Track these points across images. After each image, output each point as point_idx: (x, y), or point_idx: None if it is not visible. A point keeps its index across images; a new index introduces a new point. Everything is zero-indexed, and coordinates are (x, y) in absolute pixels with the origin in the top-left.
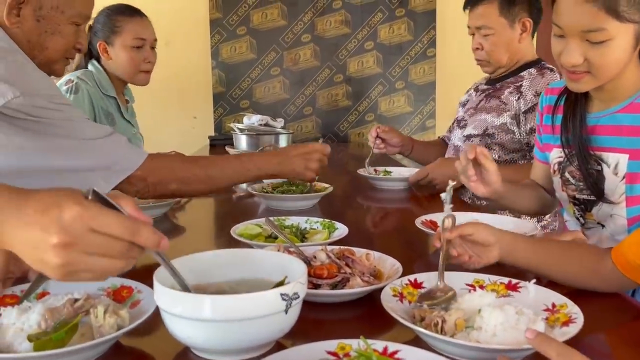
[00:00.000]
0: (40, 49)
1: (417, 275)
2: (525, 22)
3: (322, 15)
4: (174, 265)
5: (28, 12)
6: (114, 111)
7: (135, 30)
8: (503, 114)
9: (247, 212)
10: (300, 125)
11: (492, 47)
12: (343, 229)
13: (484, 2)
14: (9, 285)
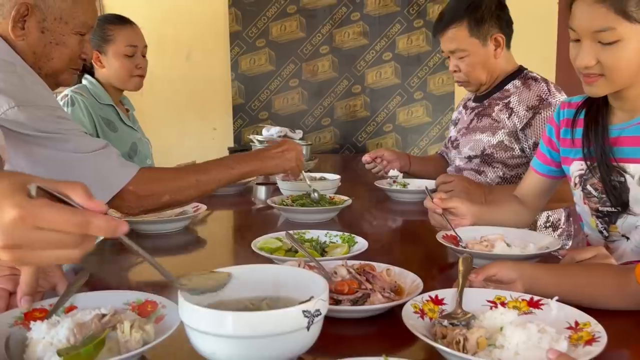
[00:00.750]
0: (46, 60)
1: (438, 292)
2: (497, 38)
3: (341, 26)
4: (195, 277)
5: (32, 24)
6: (114, 118)
7: (127, 38)
8: (498, 132)
9: (266, 225)
10: (318, 136)
11: (469, 68)
12: (363, 243)
13: (452, 26)
14: (38, 299)
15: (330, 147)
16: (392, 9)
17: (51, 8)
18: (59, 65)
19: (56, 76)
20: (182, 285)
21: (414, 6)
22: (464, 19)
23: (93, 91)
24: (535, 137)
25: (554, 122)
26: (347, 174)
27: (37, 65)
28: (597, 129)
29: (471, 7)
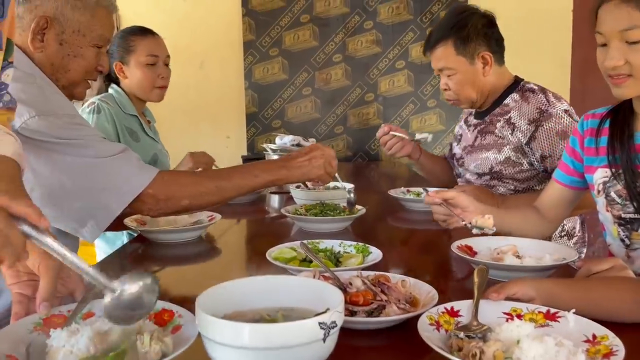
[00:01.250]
0: (63, 71)
1: (453, 304)
2: (485, 56)
3: (353, 35)
4: (215, 290)
5: (51, 37)
6: (137, 129)
7: (148, 47)
8: (503, 149)
9: (280, 234)
10: (331, 144)
11: (458, 86)
12: (377, 253)
13: (439, 44)
14: (57, 304)
15: (343, 155)
16: (405, 17)
17: (70, 21)
18: (76, 76)
19: (73, 87)
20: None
21: (427, 14)
22: (450, 38)
23: (119, 100)
24: (541, 149)
25: (578, 132)
26: (360, 182)
27: (55, 76)
28: (622, 136)
29: (457, 26)
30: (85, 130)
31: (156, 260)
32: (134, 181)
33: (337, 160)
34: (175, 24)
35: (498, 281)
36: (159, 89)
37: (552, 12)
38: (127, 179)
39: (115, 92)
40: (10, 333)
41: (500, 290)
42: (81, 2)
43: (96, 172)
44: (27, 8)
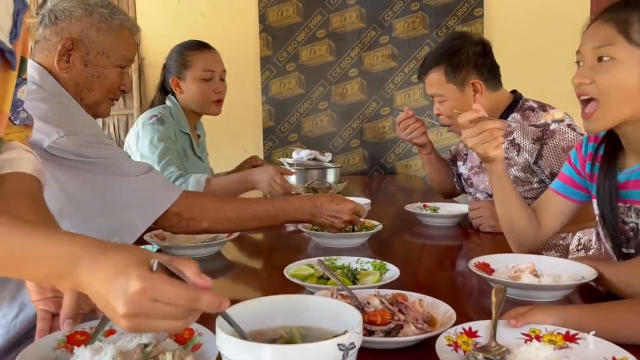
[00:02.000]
0: (87, 91)
1: (471, 324)
2: (475, 84)
3: (369, 50)
4: (234, 309)
5: (76, 58)
6: (187, 148)
7: (204, 62)
8: (510, 170)
9: (297, 249)
10: (347, 158)
11: (448, 112)
12: (394, 271)
13: (431, 71)
14: (79, 321)
15: (359, 168)
16: (420, 32)
17: (94, 43)
18: (100, 96)
19: (96, 106)
20: None
21: (442, 29)
22: (442, 64)
23: (175, 115)
24: (550, 167)
25: (581, 153)
26: (377, 196)
27: (80, 95)
28: (609, 170)
29: (449, 53)
30: (111, 150)
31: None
32: (159, 200)
33: (353, 175)
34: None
35: (516, 300)
36: (215, 102)
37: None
38: (153, 198)
39: (173, 105)
40: (35, 350)
41: (520, 318)
42: (106, 25)
43: (123, 190)
44: (53, 30)
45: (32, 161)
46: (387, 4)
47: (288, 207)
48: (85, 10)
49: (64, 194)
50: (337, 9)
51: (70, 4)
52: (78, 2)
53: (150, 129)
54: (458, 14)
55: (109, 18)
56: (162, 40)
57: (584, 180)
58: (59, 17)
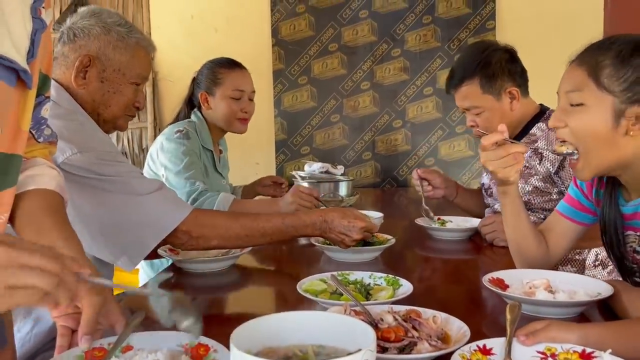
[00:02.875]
0: (104, 107)
1: (486, 341)
2: (512, 91)
3: (381, 63)
4: (248, 326)
5: (93, 75)
6: (209, 164)
7: (235, 82)
8: (530, 179)
9: (309, 263)
10: (359, 170)
11: (486, 123)
12: (407, 287)
13: (464, 84)
14: (98, 337)
15: (371, 181)
16: (432, 44)
17: (111, 60)
18: (116, 112)
19: (113, 122)
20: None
21: (454, 41)
22: (475, 76)
23: (199, 130)
24: (570, 179)
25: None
26: (389, 209)
27: (96, 111)
28: (610, 202)
29: (482, 64)
30: (124, 167)
31: (188, 289)
32: (169, 218)
33: (365, 188)
34: (208, 54)
35: (530, 316)
36: (241, 120)
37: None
38: (162, 216)
39: (198, 120)
40: None
41: (534, 336)
42: (122, 43)
43: (133, 208)
44: (71, 47)
45: (55, 177)
46: (399, 17)
47: (298, 223)
48: (103, 29)
49: (74, 209)
50: (349, 22)
51: (88, 22)
52: (96, 20)
53: (175, 142)
54: (470, 27)
55: (126, 37)
56: (176, 54)
57: (592, 204)
58: (78, 34)
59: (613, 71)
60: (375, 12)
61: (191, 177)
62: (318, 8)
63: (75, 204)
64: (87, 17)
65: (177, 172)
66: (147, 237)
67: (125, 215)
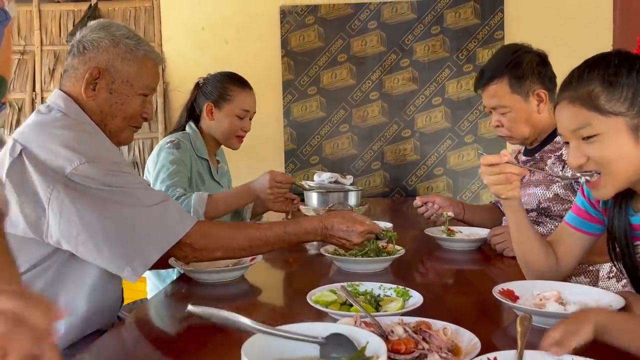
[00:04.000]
0: (111, 118)
1: (497, 354)
2: (540, 94)
3: (390, 73)
4: (260, 338)
5: (102, 86)
6: (205, 172)
7: (244, 102)
8: (552, 186)
9: (319, 273)
10: (368, 180)
11: (512, 123)
12: (417, 298)
13: (493, 82)
14: None
15: (380, 190)
16: (441, 54)
17: (119, 72)
18: (121, 123)
19: (119, 133)
20: None
21: (463, 51)
22: (505, 76)
23: (194, 141)
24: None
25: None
26: (398, 219)
27: (104, 122)
28: (621, 208)
29: (512, 64)
30: (129, 178)
31: (199, 299)
32: (172, 230)
33: (374, 197)
34: (218, 65)
35: (541, 328)
36: (239, 138)
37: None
38: (166, 228)
39: (192, 132)
40: None
41: (565, 342)
42: (131, 55)
43: (137, 220)
44: (81, 60)
45: None
46: (407, 28)
47: (299, 230)
48: (111, 41)
49: (80, 220)
50: (358, 33)
51: (98, 35)
52: (105, 33)
53: (165, 152)
54: (479, 37)
55: (134, 49)
56: (187, 65)
57: (600, 214)
58: (87, 47)
59: (608, 95)
60: (383, 23)
61: (172, 185)
62: (327, 19)
63: (81, 214)
64: (96, 30)
65: (162, 179)
66: (150, 249)
67: (130, 228)
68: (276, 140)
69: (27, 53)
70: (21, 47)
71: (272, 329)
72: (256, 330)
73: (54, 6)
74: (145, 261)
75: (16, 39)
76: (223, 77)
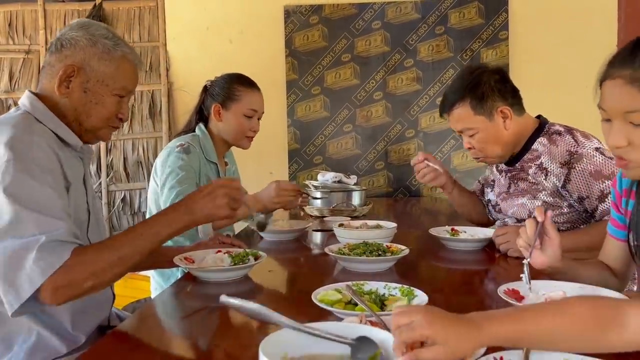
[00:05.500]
0: (85, 117)
1: (503, 353)
2: (504, 110)
3: (394, 73)
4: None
5: (76, 84)
6: (213, 176)
7: (252, 101)
8: (538, 195)
9: (323, 272)
10: (372, 180)
11: (481, 144)
12: (422, 297)
13: (455, 107)
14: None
15: (384, 190)
16: (445, 55)
17: (95, 71)
18: (96, 122)
19: (94, 132)
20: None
21: (467, 52)
22: (466, 98)
23: (203, 144)
24: (577, 191)
25: (617, 190)
26: (401, 218)
27: (78, 120)
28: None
29: (471, 85)
30: (33, 192)
31: (203, 298)
32: (25, 285)
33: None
34: (222, 65)
35: None
36: (248, 138)
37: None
38: (23, 275)
39: (202, 134)
40: None
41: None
42: (108, 55)
43: (8, 249)
44: (58, 57)
45: None
46: (411, 28)
47: (163, 219)
48: (89, 40)
49: None
50: (362, 33)
51: (76, 34)
52: (84, 32)
53: (174, 156)
54: (483, 37)
55: (112, 49)
56: (191, 65)
57: (623, 217)
58: (65, 45)
59: None
60: (388, 23)
61: (181, 193)
62: (331, 19)
63: None
64: (75, 29)
65: (171, 186)
66: (11, 298)
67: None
68: (280, 139)
69: (31, 52)
70: (26, 46)
71: (302, 325)
72: (285, 325)
73: (59, 6)
74: (9, 309)
75: (21, 38)
76: (230, 77)
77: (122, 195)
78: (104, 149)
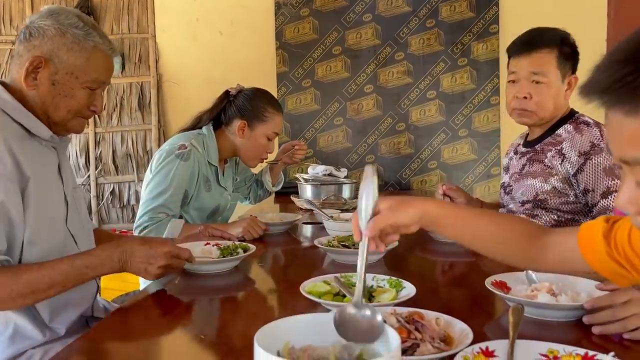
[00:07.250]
0: (53, 109)
1: (488, 343)
2: (572, 80)
3: (385, 66)
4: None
5: (44, 76)
6: (212, 178)
7: (277, 125)
8: (550, 178)
9: (312, 265)
10: (362, 173)
11: (542, 97)
12: (410, 289)
13: (543, 49)
14: None
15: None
16: (436, 48)
17: (64, 63)
18: (66, 115)
19: (63, 124)
20: None
21: (458, 45)
22: (556, 48)
23: (207, 146)
24: (585, 183)
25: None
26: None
27: (46, 113)
28: None
29: (564, 41)
30: None
31: (192, 290)
32: None
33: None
34: (212, 57)
35: (533, 319)
36: (262, 160)
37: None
38: None
39: (208, 134)
40: None
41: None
42: (78, 46)
43: None
44: (26, 47)
45: None
46: (402, 21)
47: (93, 262)
48: (58, 30)
49: None
50: (353, 26)
51: (45, 23)
52: (53, 21)
53: (170, 162)
54: (474, 31)
55: (82, 40)
56: (181, 57)
57: None
58: (33, 34)
59: None
60: (379, 16)
61: (162, 204)
62: (322, 11)
63: None
64: (45, 16)
65: (151, 198)
66: None
67: None
68: None
69: None
70: (13, 37)
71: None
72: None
73: None
74: None
75: (8, 29)
76: (261, 95)
77: (111, 188)
78: (93, 142)
